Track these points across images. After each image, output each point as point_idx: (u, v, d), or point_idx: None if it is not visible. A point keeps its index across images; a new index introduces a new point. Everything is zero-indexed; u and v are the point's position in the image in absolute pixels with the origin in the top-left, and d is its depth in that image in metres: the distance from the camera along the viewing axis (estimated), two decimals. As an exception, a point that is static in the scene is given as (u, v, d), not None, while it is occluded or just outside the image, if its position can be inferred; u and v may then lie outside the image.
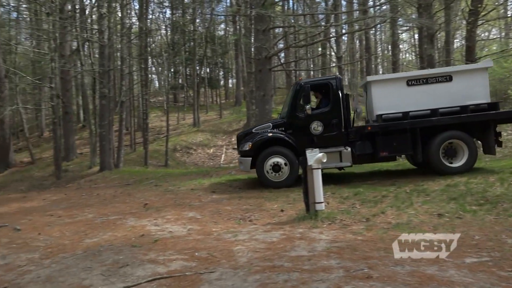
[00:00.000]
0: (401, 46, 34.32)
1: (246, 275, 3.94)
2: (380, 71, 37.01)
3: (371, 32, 30.47)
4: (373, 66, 32.65)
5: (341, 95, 9.34)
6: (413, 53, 36.81)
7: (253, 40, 16.43)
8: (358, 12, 23.67)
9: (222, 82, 42.18)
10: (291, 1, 28.96)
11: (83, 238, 6.02)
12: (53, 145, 18.81)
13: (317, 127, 9.27)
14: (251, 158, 9.41)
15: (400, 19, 21.48)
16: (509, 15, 28.00)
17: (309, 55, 30.85)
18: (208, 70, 37.43)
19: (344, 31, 25.28)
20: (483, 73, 9.09)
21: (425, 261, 4.07)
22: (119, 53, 20.99)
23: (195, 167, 19.74)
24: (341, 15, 24.15)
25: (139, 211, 7.72)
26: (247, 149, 9.46)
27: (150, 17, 27.66)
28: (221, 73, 41.86)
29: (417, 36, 27.04)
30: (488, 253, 4.26)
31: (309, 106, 9.26)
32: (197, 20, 30.68)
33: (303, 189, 6.43)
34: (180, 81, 37.27)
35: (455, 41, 28.12)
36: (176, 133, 26.17)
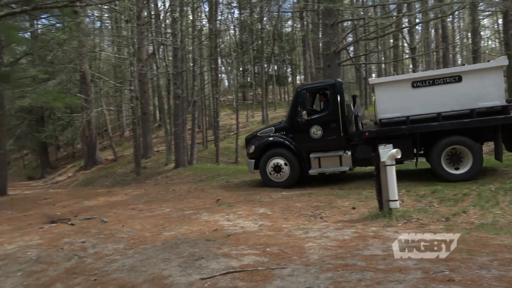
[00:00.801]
0: (482, 33, 31.58)
1: (318, 272, 3.91)
2: (459, 61, 34.47)
3: (448, 19, 28.43)
4: (451, 56, 30.49)
5: (339, 99, 9.26)
6: (497, 40, 33.82)
7: (321, 35, 16.19)
8: (433, -1, 22.27)
9: (289, 79, 42.14)
10: (360, -7, 28.07)
11: (162, 231, 6.38)
12: (133, 144, 20.16)
13: (316, 131, 9.41)
14: (254, 160, 10.04)
15: (481, 4, 19.79)
16: None
17: (380, 47, 29.62)
18: (276, 67, 37.65)
19: (418, 21, 23.90)
20: (497, 72, 8.29)
21: (515, 266, 3.74)
22: (191, 54, 21.88)
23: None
24: (414, 4, 22.85)
25: (212, 207, 8.00)
26: (251, 151, 10.12)
27: (219, 18, 28.52)
28: (289, 70, 41.84)
29: (501, 21, 24.76)
30: None
31: (305, 112, 9.46)
32: (265, 18, 30.91)
33: (376, 186, 6.22)
34: (248, 79, 37.89)
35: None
36: (245, 130, 26.66)
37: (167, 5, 23.46)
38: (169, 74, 19.93)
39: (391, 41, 28.17)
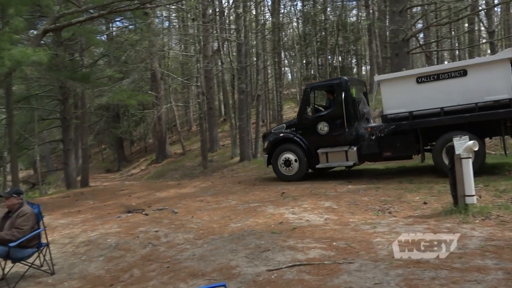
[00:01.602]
0: None
1: (387, 268, 3.79)
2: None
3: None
4: (537, 38, 27.62)
5: (344, 96, 9.59)
6: None
7: (388, 22, 15.51)
8: (516, -24, 20.28)
9: (354, 70, 40.93)
10: (431, -25, 26.39)
11: (229, 222, 6.56)
12: (200, 138, 20.88)
13: (323, 127, 9.84)
14: (267, 155, 10.78)
15: None
16: None
17: (453, 33, 27.71)
18: (340, 58, 36.74)
19: (496, 2, 21.99)
20: (504, 64, 7.95)
21: None
22: (255, 49, 22.10)
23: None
24: (493, -17, 21.08)
25: (277, 199, 8.05)
26: (266, 147, 10.90)
27: (282, 11, 28.42)
28: (354, 60, 40.64)
29: None
30: None
31: (309, 109, 10.21)
32: (328, 8, 30.27)
33: (450, 181, 5.85)
34: (312, 71, 37.38)
35: None
36: (309, 123, 26.40)
37: (231, 1, 23.86)
38: (234, 69, 20.33)
39: (466, 25, 26.20)
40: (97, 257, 5.48)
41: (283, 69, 33.22)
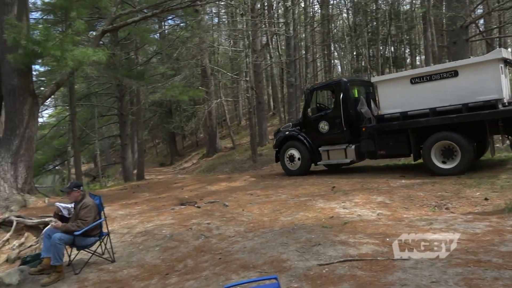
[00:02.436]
0: None
1: (445, 267, 3.64)
2: None
3: None
4: None
5: (342, 97, 10.13)
6: None
7: (445, 9, 14.72)
8: None
9: (408, 60, 39.26)
10: (493, -44, 24.60)
11: (279, 216, 6.59)
12: (249, 132, 21.06)
13: (323, 126, 10.56)
14: (275, 151, 11.81)
15: None
16: None
17: (518, 17, 25.65)
18: (392, 49, 35.41)
19: None
20: (493, 65, 8.08)
21: None
22: (304, 42, 21.88)
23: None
24: None
25: (327, 194, 7.96)
26: (274, 143, 12.02)
27: (331, 2, 27.84)
28: (407, 50, 38.97)
29: None
30: None
31: (309, 109, 10.96)
32: (380, -3, 29.24)
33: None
34: (363, 63, 36.39)
35: None
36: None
37: (279, -6, 23.72)
38: (282, 63, 20.26)
39: (534, 8, 24.19)
40: (153, 247, 5.73)
41: (332, 61, 32.59)
